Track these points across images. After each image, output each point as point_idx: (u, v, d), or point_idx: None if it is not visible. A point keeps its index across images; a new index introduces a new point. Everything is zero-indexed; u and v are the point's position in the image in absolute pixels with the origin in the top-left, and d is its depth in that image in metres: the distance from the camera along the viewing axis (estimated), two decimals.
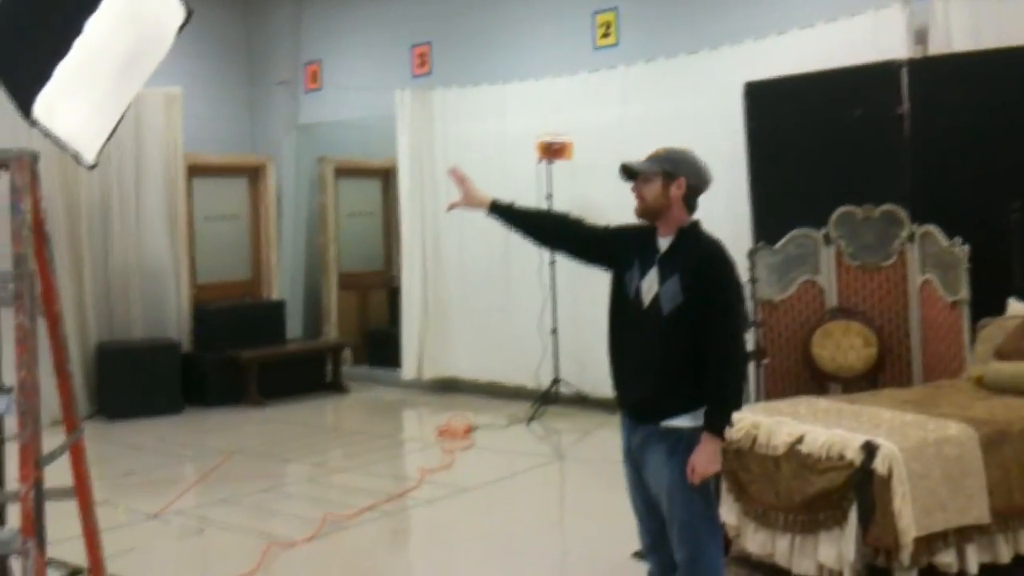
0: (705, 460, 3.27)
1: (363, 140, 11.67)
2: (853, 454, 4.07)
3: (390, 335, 10.53)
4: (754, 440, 4.51)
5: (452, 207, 3.80)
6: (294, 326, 10.94)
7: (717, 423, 3.28)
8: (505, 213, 3.69)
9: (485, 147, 9.18)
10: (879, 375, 6.14)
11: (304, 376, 10.23)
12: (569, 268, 8.75)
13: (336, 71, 10.88)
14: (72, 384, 3.41)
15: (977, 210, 6.10)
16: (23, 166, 3.00)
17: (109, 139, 4.53)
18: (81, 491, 3.39)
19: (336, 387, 10.33)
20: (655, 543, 3.52)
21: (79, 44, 4.04)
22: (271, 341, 10.07)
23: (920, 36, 6.91)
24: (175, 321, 9.83)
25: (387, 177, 11.70)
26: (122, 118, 4.58)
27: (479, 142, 9.28)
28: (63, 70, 4.03)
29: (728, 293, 3.35)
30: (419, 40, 10.18)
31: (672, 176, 3.44)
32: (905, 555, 3.93)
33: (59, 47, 4.00)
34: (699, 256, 3.37)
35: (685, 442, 3.29)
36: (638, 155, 8.84)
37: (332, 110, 10.92)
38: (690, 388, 3.31)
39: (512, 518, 5.96)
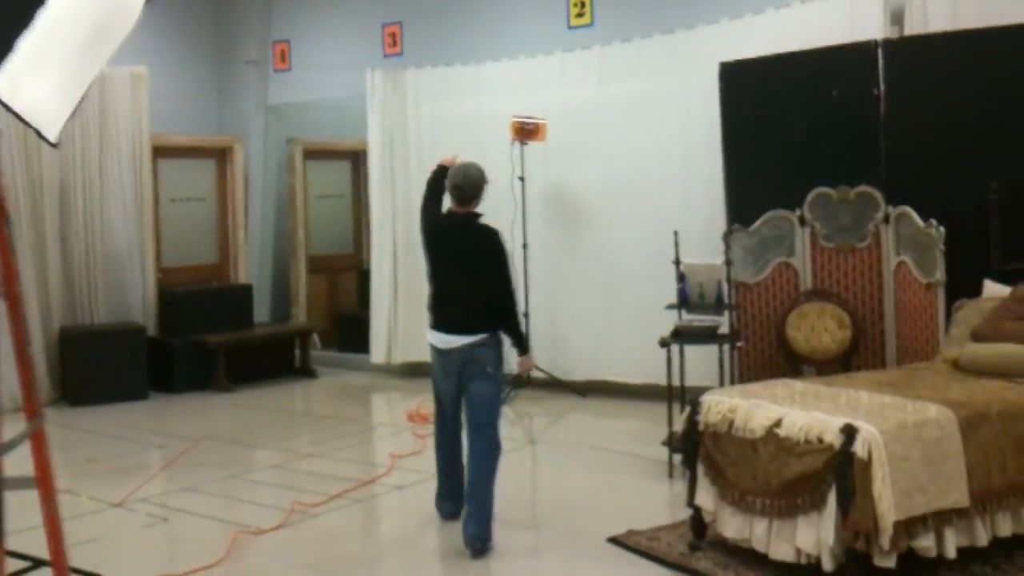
0: None
1: (333, 121, 11.55)
2: (832, 437, 4.01)
3: (360, 319, 10.41)
4: (731, 423, 4.46)
5: None
6: (262, 310, 10.79)
7: None
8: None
9: (459, 128, 9.06)
10: (853, 358, 6.12)
11: (272, 361, 10.11)
12: (543, 252, 8.69)
13: (305, 51, 10.71)
14: (33, 369, 3.27)
15: (952, 191, 6.08)
16: None
17: (72, 117, 4.41)
18: (43, 480, 3.25)
19: (305, 372, 10.21)
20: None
21: (42, 17, 3.91)
22: (239, 325, 9.92)
23: (896, 17, 6.87)
24: (140, 305, 9.68)
25: (357, 159, 11.55)
26: (85, 95, 4.45)
27: (453, 123, 9.16)
28: (25, 43, 3.89)
29: None
30: (390, 20, 10.04)
31: None
32: (885, 539, 3.88)
33: (22, 19, 3.86)
34: None
35: None
36: (613, 135, 8.87)
37: (301, 91, 10.76)
38: None
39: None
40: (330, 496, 5.82)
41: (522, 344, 5.14)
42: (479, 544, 4.87)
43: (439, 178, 5.35)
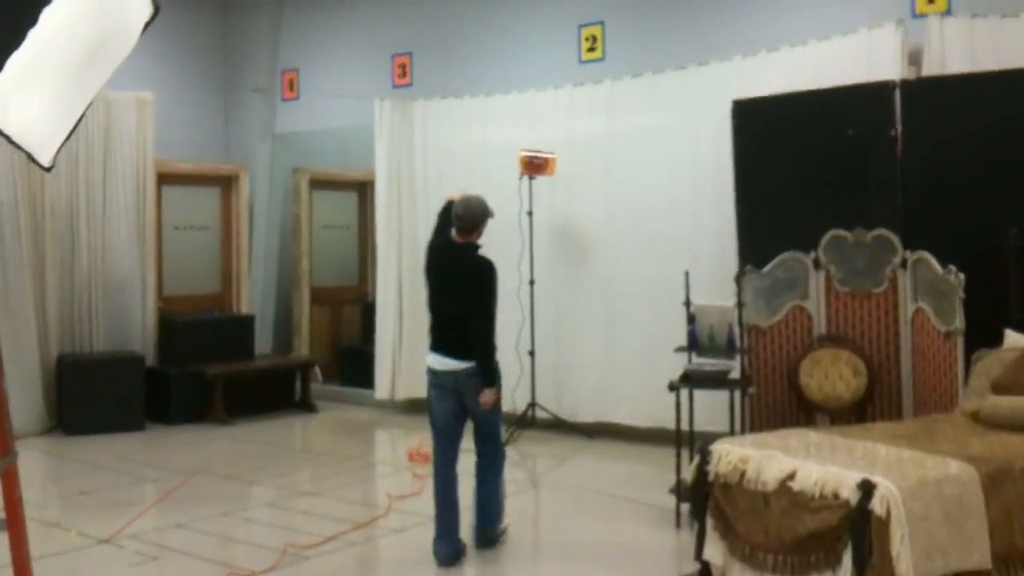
0: None
1: (339, 151, 11.43)
2: (849, 492, 3.83)
3: (363, 353, 10.23)
4: (742, 475, 4.28)
5: None
6: (263, 341, 10.63)
7: None
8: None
9: (466, 160, 8.94)
10: (868, 406, 5.92)
11: (272, 394, 9.93)
12: (549, 289, 8.52)
13: (314, 80, 10.61)
14: (7, 404, 3.11)
15: (971, 236, 5.91)
16: None
17: (67, 141, 4.27)
18: (13, 522, 3.08)
19: (305, 406, 10.02)
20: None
21: (34, 35, 3.77)
22: (239, 357, 9.75)
23: (914, 57, 6.73)
24: (140, 334, 9.52)
25: (363, 189, 11.44)
26: (81, 119, 4.31)
27: (460, 155, 9.04)
28: (15, 62, 3.76)
29: None
30: (400, 50, 9.94)
31: None
32: None
33: (11, 37, 3.73)
34: None
35: None
36: (622, 170, 8.71)
37: (309, 120, 10.65)
38: None
39: (482, 550, 5.66)
40: (325, 538, 5.62)
41: (488, 377, 5.22)
42: (482, 533, 5.45)
43: (447, 212, 5.53)
